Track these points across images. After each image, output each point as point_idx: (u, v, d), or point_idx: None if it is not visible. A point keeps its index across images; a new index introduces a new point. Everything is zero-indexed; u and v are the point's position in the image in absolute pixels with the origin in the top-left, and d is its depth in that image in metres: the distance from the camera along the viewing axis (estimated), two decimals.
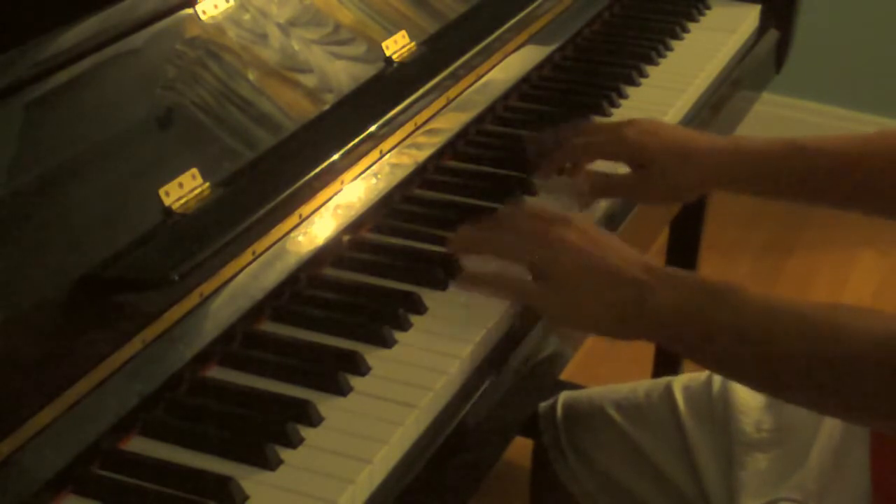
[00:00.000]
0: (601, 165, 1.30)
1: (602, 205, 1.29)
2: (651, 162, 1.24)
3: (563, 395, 1.40)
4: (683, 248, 2.00)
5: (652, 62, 1.57)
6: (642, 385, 1.37)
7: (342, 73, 1.24)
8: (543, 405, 1.40)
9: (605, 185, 1.27)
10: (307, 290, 1.11)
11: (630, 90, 1.51)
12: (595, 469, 1.34)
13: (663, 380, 1.36)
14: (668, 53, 1.61)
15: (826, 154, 1.23)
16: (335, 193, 1.15)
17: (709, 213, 1.98)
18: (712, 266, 2.54)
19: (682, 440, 1.29)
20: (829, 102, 2.98)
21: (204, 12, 1.13)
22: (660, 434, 1.31)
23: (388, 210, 1.23)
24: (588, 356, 2.21)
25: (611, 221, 1.29)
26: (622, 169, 1.28)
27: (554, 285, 1.06)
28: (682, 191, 1.28)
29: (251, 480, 0.90)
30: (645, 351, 2.09)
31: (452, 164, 1.34)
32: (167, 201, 1.01)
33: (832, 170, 1.22)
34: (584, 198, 1.27)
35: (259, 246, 1.05)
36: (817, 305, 1.01)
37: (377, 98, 1.23)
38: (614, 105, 1.47)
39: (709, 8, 1.73)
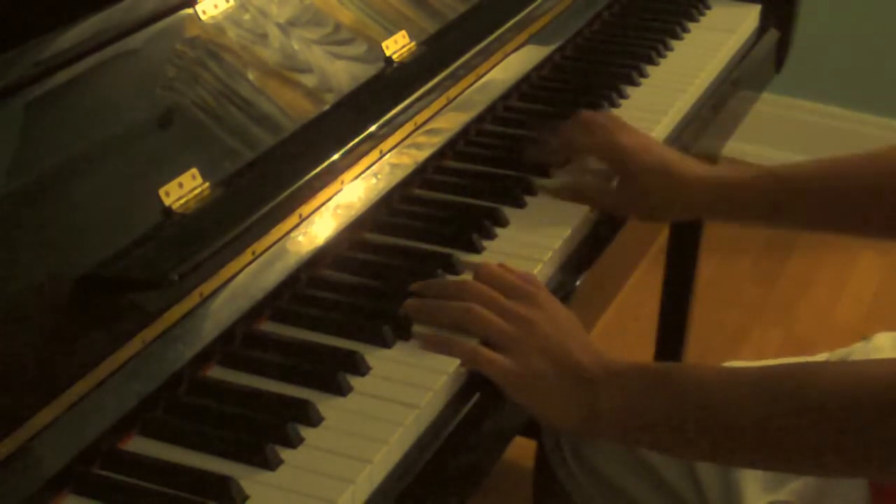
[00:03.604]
0: None
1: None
2: (635, 176, 1.26)
3: None
4: (683, 248, 2.00)
5: (652, 62, 1.57)
6: None
7: (342, 73, 1.24)
8: None
9: (589, 195, 1.28)
10: (307, 290, 1.11)
11: (630, 90, 1.51)
12: (595, 474, 1.34)
13: None
14: (668, 53, 1.61)
15: (798, 179, 1.24)
16: (335, 193, 1.15)
17: None
18: (712, 266, 2.55)
19: None
20: (829, 102, 2.98)
21: (204, 12, 1.13)
22: None
23: (388, 210, 1.23)
24: None
25: (612, 221, 1.29)
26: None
27: (516, 364, 1.04)
28: (662, 213, 1.31)
29: (251, 480, 0.90)
30: (644, 352, 2.10)
31: (452, 164, 1.34)
32: (167, 201, 1.01)
33: (804, 194, 1.24)
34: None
35: (259, 246, 1.05)
36: (775, 366, 1.02)
37: (377, 98, 1.23)
38: (614, 105, 1.47)
39: (709, 8, 1.73)
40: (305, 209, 1.11)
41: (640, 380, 1.04)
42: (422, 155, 1.27)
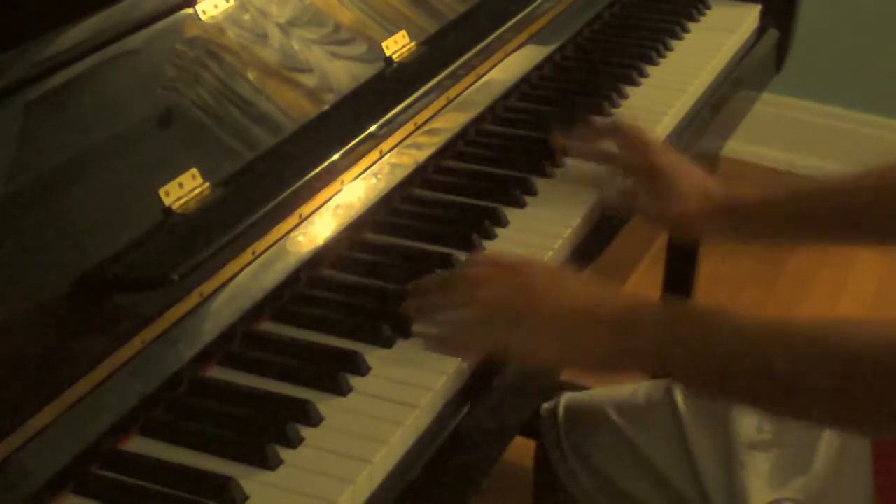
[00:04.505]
0: None
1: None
2: (674, 200, 1.25)
3: (565, 397, 1.40)
4: (683, 248, 2.00)
5: (652, 62, 1.57)
6: (643, 387, 1.37)
7: (342, 73, 1.24)
8: (545, 406, 1.40)
9: (627, 202, 1.28)
10: (307, 290, 1.11)
11: (630, 90, 1.51)
12: (595, 470, 1.34)
13: (663, 381, 1.36)
14: (668, 53, 1.61)
15: (827, 195, 1.24)
16: (335, 193, 1.15)
17: None
18: (712, 266, 2.55)
19: (683, 441, 1.29)
20: (829, 102, 2.98)
21: (204, 12, 1.13)
22: (660, 435, 1.31)
23: (388, 210, 1.23)
24: None
25: (611, 221, 1.29)
26: None
27: (530, 332, 1.03)
28: (699, 236, 1.30)
29: (251, 480, 0.90)
30: None
31: (452, 164, 1.33)
32: (167, 201, 1.01)
33: (837, 212, 1.23)
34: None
35: (259, 246, 1.05)
36: (805, 319, 1.01)
37: (377, 98, 1.23)
38: (614, 105, 1.47)
39: (709, 8, 1.73)
40: (305, 209, 1.10)
41: (672, 315, 1.03)
42: (422, 155, 1.27)
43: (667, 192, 1.25)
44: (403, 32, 1.31)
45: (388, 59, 1.28)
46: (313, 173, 1.11)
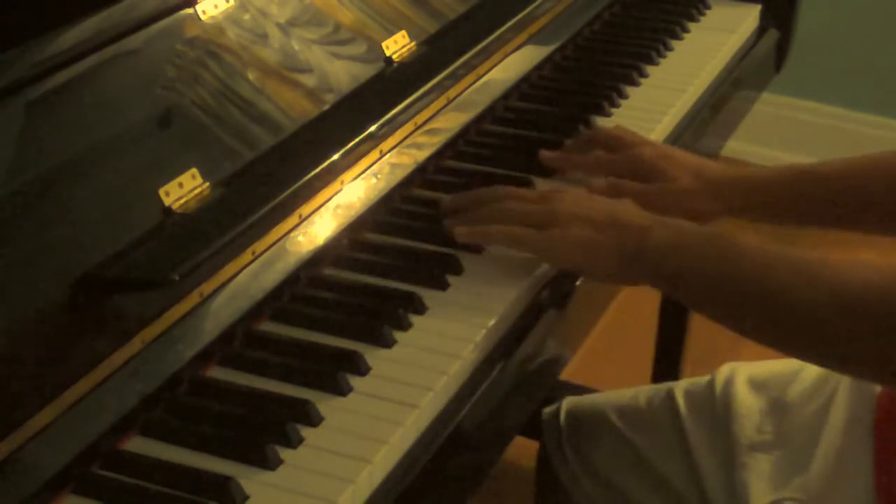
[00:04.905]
0: None
1: None
2: (660, 177, 1.26)
3: (567, 401, 1.40)
4: None
5: (652, 62, 1.57)
6: (644, 391, 1.37)
7: (342, 73, 1.24)
8: (547, 410, 1.40)
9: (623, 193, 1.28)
10: (307, 290, 1.11)
11: (630, 90, 1.51)
12: (597, 474, 1.34)
13: (665, 385, 1.36)
14: (668, 53, 1.61)
15: (829, 175, 1.24)
16: (335, 193, 1.15)
17: None
18: None
19: (684, 445, 1.29)
20: (829, 102, 2.98)
21: (204, 12, 1.13)
22: (661, 439, 1.31)
23: (388, 210, 1.23)
24: (588, 357, 2.21)
25: None
26: None
27: (556, 233, 1.10)
28: (694, 216, 1.30)
29: (251, 480, 0.89)
30: (644, 352, 2.10)
31: (452, 163, 1.34)
32: (167, 201, 1.01)
33: (834, 190, 1.23)
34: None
35: (259, 246, 1.05)
36: (813, 255, 1.07)
37: (377, 98, 1.23)
38: (614, 105, 1.47)
39: (709, 8, 1.73)
40: (305, 209, 1.11)
41: (691, 229, 1.08)
42: (422, 155, 1.27)
43: (656, 177, 1.25)
44: (403, 32, 1.31)
45: (388, 59, 1.28)
46: (313, 173, 1.11)
